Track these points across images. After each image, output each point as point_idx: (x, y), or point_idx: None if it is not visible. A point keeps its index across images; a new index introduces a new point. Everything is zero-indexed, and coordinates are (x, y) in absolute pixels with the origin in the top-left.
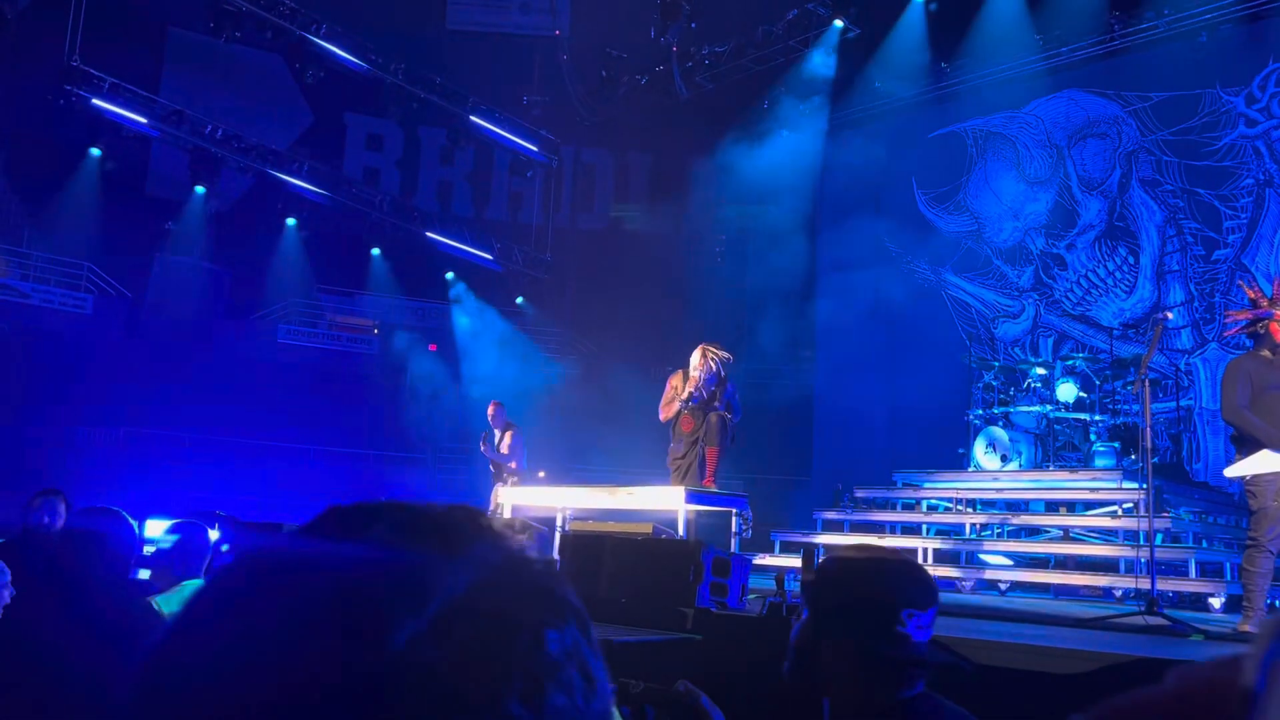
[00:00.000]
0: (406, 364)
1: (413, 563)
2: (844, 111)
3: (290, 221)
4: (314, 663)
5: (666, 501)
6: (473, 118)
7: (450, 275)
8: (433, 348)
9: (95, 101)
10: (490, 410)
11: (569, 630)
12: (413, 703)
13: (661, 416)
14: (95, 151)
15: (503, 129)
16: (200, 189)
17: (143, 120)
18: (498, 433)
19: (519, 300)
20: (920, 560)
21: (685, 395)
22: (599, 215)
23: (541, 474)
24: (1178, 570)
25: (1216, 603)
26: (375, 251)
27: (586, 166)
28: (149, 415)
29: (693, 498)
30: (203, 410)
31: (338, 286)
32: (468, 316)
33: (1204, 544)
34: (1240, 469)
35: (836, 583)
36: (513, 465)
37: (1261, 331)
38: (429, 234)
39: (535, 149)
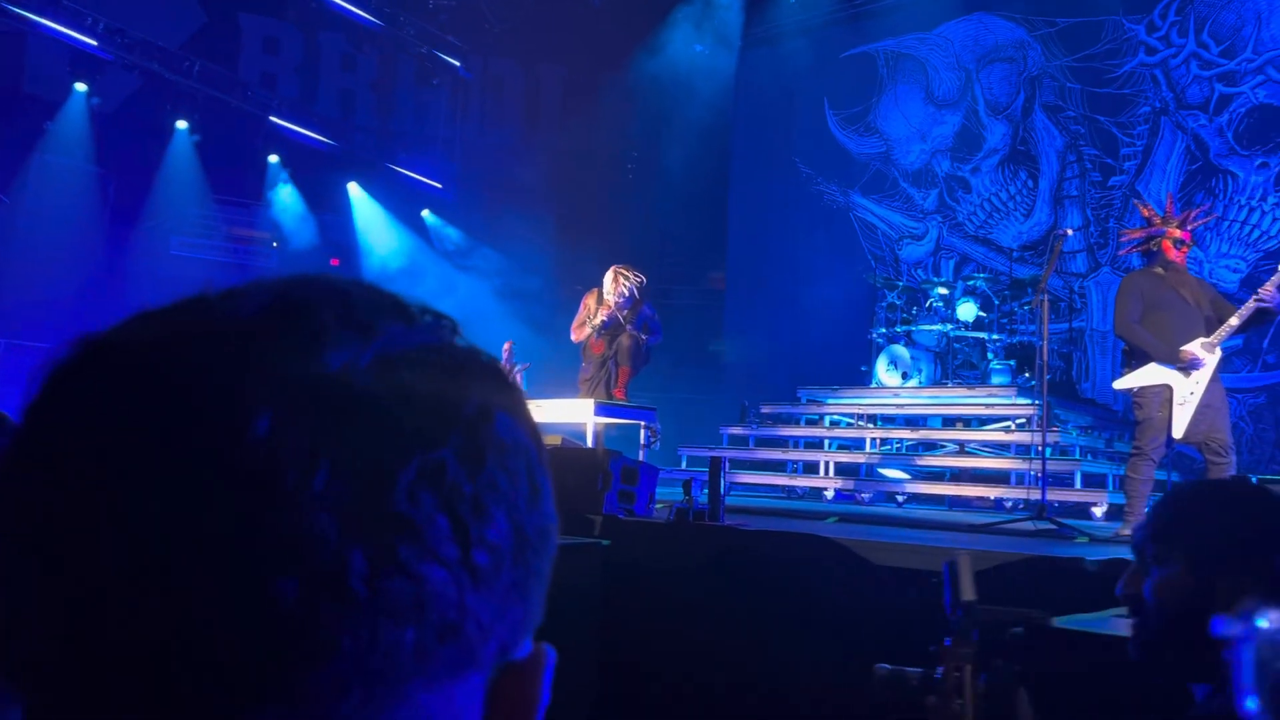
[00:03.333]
0: None
1: (355, 300)
2: (759, 28)
3: (181, 125)
4: (234, 382)
5: (575, 414)
6: (376, 22)
7: (353, 186)
8: (335, 262)
9: None
10: (506, 348)
11: (520, 427)
12: (339, 427)
13: (574, 336)
14: None
15: (408, 34)
16: (81, 87)
17: (14, 9)
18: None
19: (425, 213)
20: (821, 473)
21: (599, 320)
22: (508, 127)
23: None
24: (1064, 482)
25: (1099, 511)
26: (273, 160)
27: (495, 78)
28: (29, 326)
29: (602, 410)
30: (90, 322)
31: (234, 196)
32: (373, 229)
33: (1089, 457)
34: (1128, 381)
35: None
36: None
37: (1154, 249)
38: (331, 143)
39: (442, 55)
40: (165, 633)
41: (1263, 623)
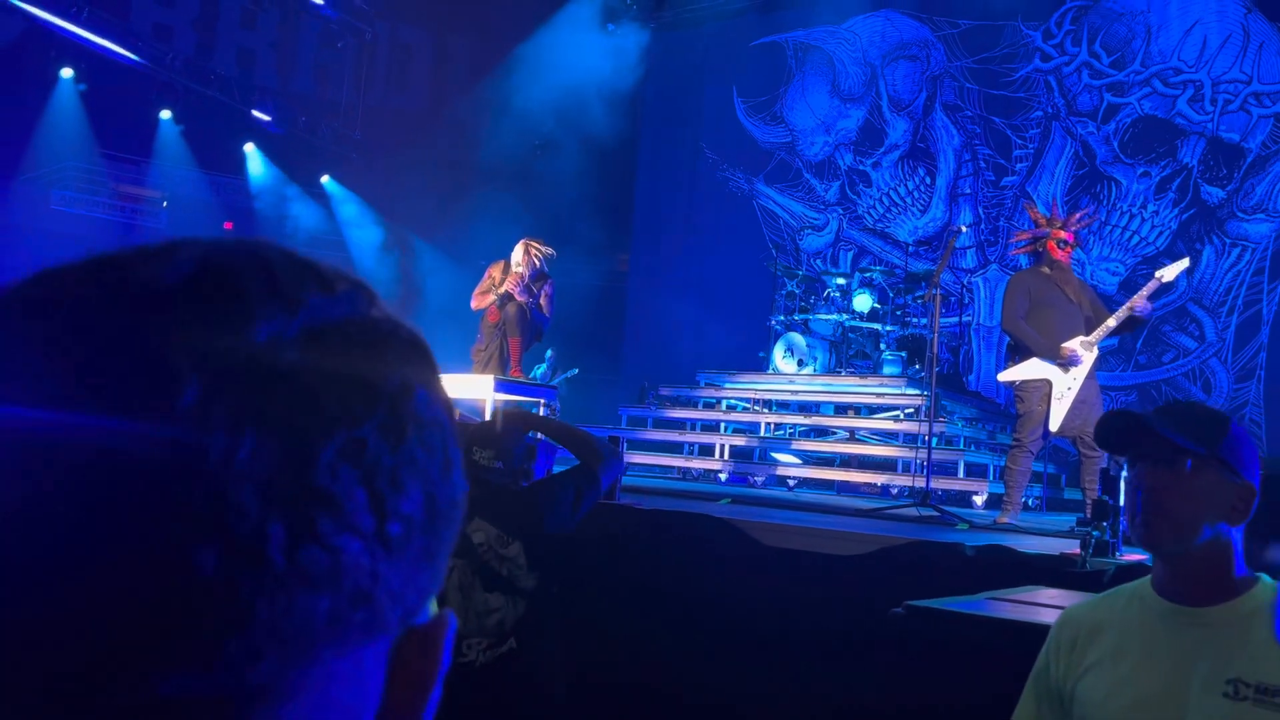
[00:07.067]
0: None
1: (278, 269)
2: (670, 10)
3: (66, 74)
4: (164, 350)
5: (474, 390)
6: None
7: (249, 147)
8: (228, 225)
9: None
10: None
11: (437, 402)
12: (265, 400)
13: (473, 305)
14: None
15: None
16: None
17: None
18: None
19: (325, 179)
20: (716, 456)
21: (503, 290)
22: (414, 96)
23: None
24: (948, 471)
25: (980, 500)
26: (165, 115)
27: (403, 45)
28: None
29: (501, 387)
30: None
31: (122, 152)
32: (268, 193)
33: (973, 448)
34: (1012, 374)
35: None
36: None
37: (1040, 249)
38: (227, 100)
39: (348, 18)
40: (78, 597)
41: None
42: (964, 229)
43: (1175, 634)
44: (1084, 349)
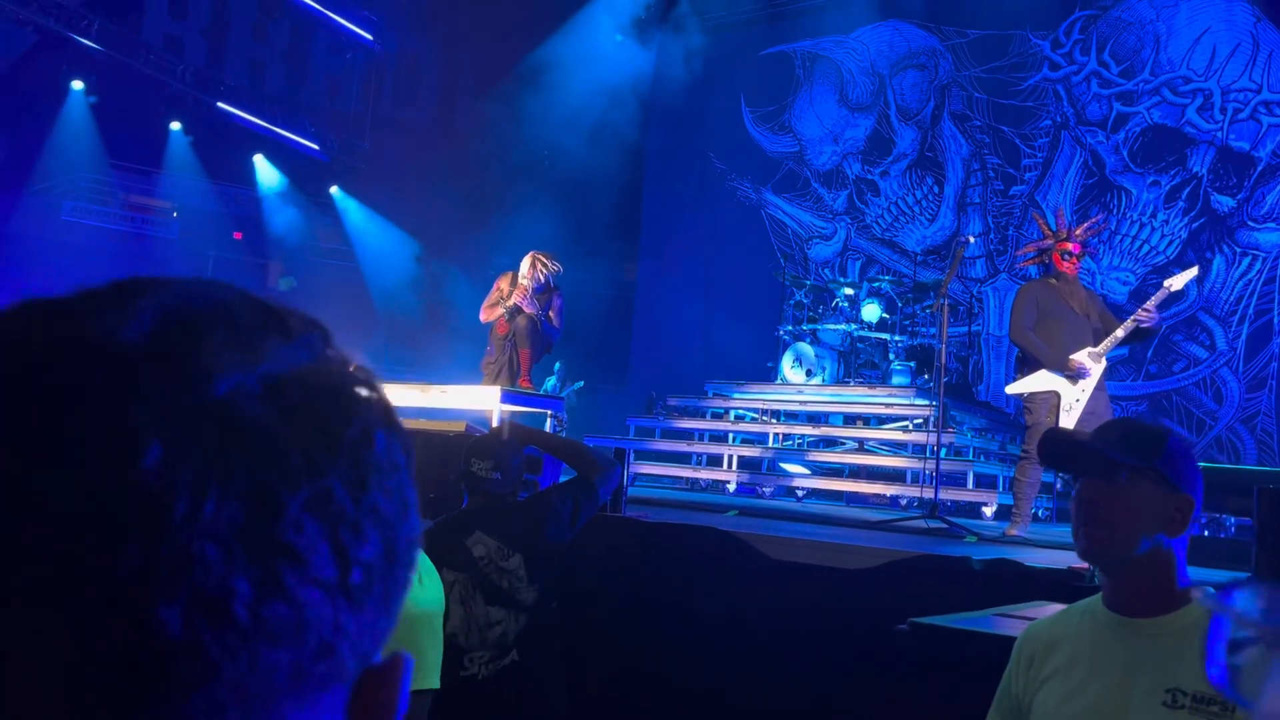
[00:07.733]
0: (209, 251)
1: (239, 319)
2: (680, 20)
3: (77, 85)
4: (123, 410)
5: (481, 401)
6: None
7: (259, 158)
8: (238, 236)
9: None
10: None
11: (397, 445)
12: (227, 456)
13: (483, 317)
14: None
15: (322, 4)
16: None
17: None
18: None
19: (334, 190)
20: (724, 467)
21: (510, 304)
22: (424, 106)
23: None
24: (957, 481)
25: (989, 511)
26: (175, 127)
27: (412, 55)
28: None
29: (508, 398)
30: None
31: (132, 163)
32: (278, 204)
33: (982, 458)
34: (1020, 386)
35: None
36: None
37: (1047, 261)
38: (237, 112)
39: (357, 29)
40: (40, 662)
41: (1239, 598)
42: (972, 239)
43: (1121, 645)
44: (1091, 360)
